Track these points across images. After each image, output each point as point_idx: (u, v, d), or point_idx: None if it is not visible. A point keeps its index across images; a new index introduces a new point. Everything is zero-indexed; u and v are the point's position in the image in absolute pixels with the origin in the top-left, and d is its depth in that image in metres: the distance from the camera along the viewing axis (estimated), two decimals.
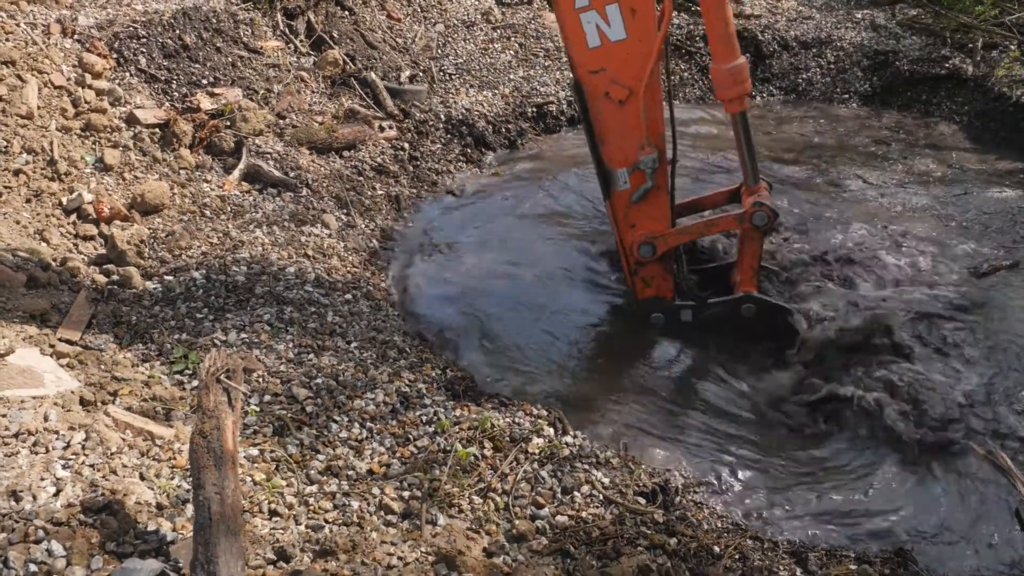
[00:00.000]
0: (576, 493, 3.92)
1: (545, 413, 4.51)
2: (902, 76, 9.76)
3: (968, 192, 7.56)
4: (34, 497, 3.06)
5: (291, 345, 4.65)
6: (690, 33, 10.09)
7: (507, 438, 4.18)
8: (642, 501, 3.97)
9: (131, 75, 6.66)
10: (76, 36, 6.61)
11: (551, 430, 4.35)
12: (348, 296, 5.39)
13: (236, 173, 6.30)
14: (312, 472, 3.79)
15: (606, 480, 4.04)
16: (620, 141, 5.01)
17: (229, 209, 5.96)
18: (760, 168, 5.37)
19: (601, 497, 3.92)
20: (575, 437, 4.37)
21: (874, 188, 7.67)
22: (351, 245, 6.12)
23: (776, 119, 9.41)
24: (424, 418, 4.24)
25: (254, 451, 3.84)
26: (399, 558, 3.27)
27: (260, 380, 4.33)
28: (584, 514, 3.77)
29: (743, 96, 4.89)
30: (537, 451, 4.13)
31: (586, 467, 4.10)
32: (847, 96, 9.84)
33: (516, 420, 4.37)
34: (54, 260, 4.98)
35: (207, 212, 5.86)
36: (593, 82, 4.89)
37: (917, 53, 9.85)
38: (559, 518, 3.75)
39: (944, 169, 8.11)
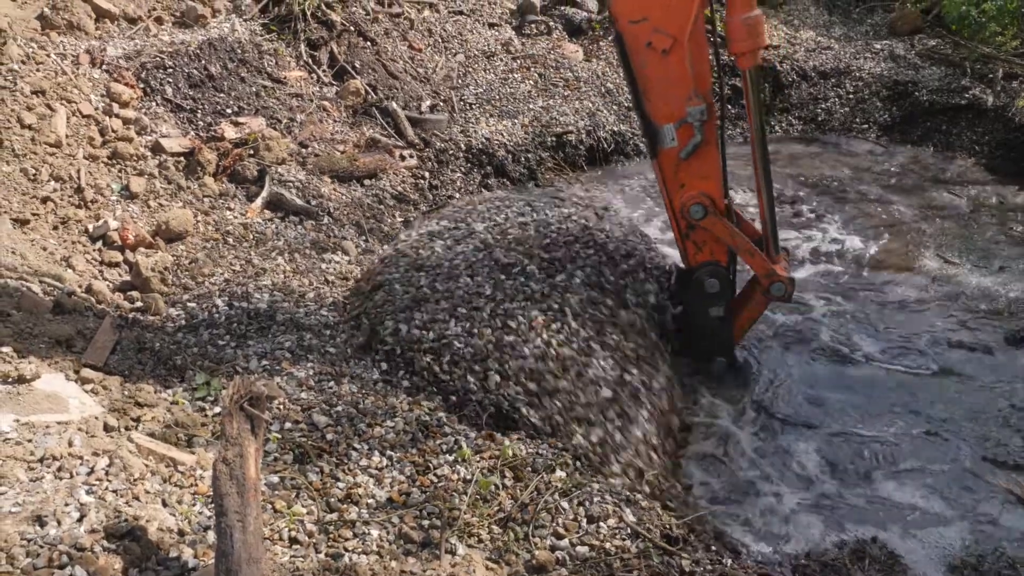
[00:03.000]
0: (602, 524, 3.89)
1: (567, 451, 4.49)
2: (922, 106, 9.77)
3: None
4: (58, 522, 3.08)
5: (312, 372, 4.68)
6: None
7: (529, 468, 4.17)
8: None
9: (157, 104, 6.77)
10: (104, 66, 6.74)
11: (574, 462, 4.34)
12: None
13: (259, 201, 6.37)
14: (332, 500, 3.79)
15: (632, 517, 4.01)
16: (665, 94, 4.78)
17: (251, 237, 6.02)
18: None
19: (629, 530, 3.89)
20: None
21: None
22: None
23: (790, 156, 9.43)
24: (444, 447, 4.24)
25: (275, 478, 3.85)
26: None
27: (281, 407, 4.35)
28: (608, 545, 3.75)
29: (757, 50, 4.63)
30: (559, 483, 4.11)
31: (615, 501, 4.07)
32: (866, 126, 9.84)
33: (540, 451, 4.35)
34: (80, 286, 5.05)
35: (230, 239, 5.93)
36: (634, 32, 4.69)
37: (937, 83, 9.85)
38: (579, 548, 3.73)
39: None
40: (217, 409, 4.24)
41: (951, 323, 6.20)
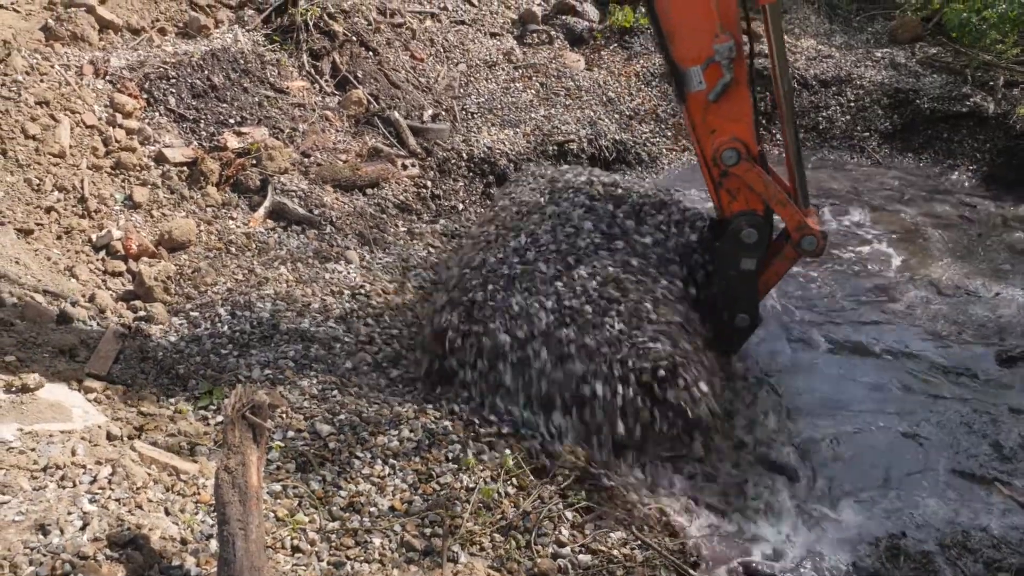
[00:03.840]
0: (612, 535, 3.89)
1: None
2: (923, 114, 9.77)
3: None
4: (61, 531, 3.10)
5: (315, 381, 4.69)
6: None
7: (530, 476, 4.17)
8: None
9: (160, 115, 6.80)
10: (108, 77, 6.77)
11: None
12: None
13: (261, 210, 6.40)
14: (334, 508, 3.80)
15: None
16: (691, 34, 4.59)
17: (254, 246, 6.04)
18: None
19: (638, 542, 3.89)
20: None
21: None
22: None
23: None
24: (449, 455, 4.25)
25: (277, 487, 3.86)
26: None
27: (284, 416, 4.36)
28: (615, 552, 3.75)
29: None
30: (571, 493, 4.11)
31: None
32: (867, 134, 9.86)
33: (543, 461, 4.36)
34: (83, 296, 5.07)
35: (232, 249, 5.95)
36: None
37: (938, 91, 9.86)
38: (582, 557, 3.73)
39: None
40: (219, 418, 4.26)
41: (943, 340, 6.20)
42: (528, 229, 5.35)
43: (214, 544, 3.23)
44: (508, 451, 4.31)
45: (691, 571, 3.80)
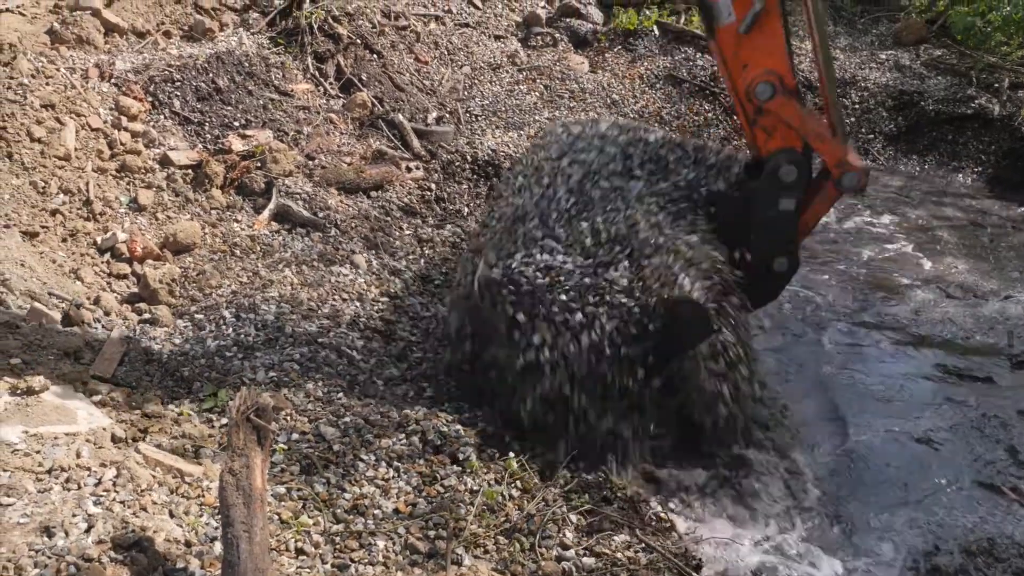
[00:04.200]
0: (615, 537, 3.88)
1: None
2: (928, 116, 9.77)
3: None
4: (66, 533, 3.10)
5: (320, 384, 4.69)
6: (714, 74, 10.18)
7: (535, 480, 4.17)
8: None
9: (165, 118, 6.82)
10: (113, 80, 6.79)
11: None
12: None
13: (266, 213, 6.40)
14: (339, 511, 3.80)
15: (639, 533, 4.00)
16: None
17: (259, 248, 6.05)
18: None
19: (643, 545, 3.88)
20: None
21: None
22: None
23: None
24: (460, 455, 4.24)
25: (281, 489, 3.86)
26: None
27: (288, 418, 4.36)
28: (619, 555, 3.74)
29: None
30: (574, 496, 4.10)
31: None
32: (872, 136, 9.85)
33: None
34: (88, 298, 5.08)
35: (237, 251, 5.96)
36: None
37: (943, 93, 9.86)
38: (586, 559, 3.72)
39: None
40: (224, 421, 4.26)
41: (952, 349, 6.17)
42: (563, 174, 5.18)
43: (218, 547, 3.23)
44: (512, 454, 4.31)
45: (693, 574, 3.79)
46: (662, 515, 4.25)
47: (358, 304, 5.71)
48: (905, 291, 6.86)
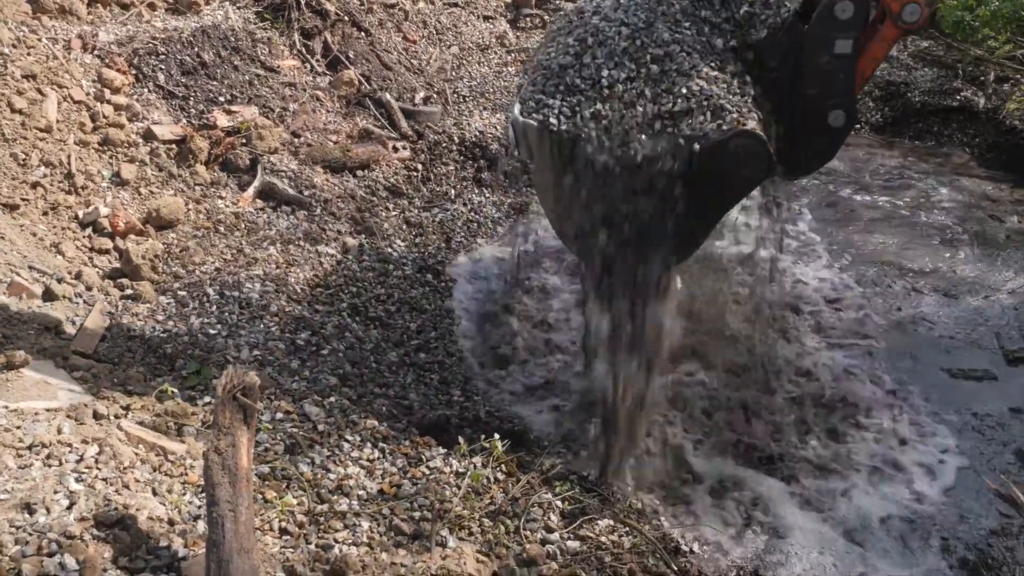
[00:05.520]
0: (599, 522, 3.89)
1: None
2: (914, 107, 9.81)
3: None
4: (48, 510, 3.06)
5: (305, 363, 4.66)
6: None
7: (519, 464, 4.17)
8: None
9: (149, 91, 6.71)
10: (96, 52, 6.67)
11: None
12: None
13: (251, 190, 6.33)
14: (323, 491, 3.78)
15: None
16: None
17: (243, 226, 5.99)
18: None
19: (625, 528, 3.89)
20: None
21: None
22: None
23: None
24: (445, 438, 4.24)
25: (265, 469, 3.83)
26: None
27: (272, 398, 4.33)
28: (603, 539, 3.75)
29: None
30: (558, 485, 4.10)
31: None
32: (858, 127, 9.87)
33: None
34: (69, 273, 5.01)
35: (221, 228, 5.89)
36: None
37: (929, 85, 9.90)
38: (570, 543, 3.73)
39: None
40: (207, 398, 4.22)
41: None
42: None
43: (202, 525, 3.21)
44: (497, 435, 4.30)
45: (673, 558, 3.81)
46: (645, 500, 4.27)
47: (341, 281, 5.67)
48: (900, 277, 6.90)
